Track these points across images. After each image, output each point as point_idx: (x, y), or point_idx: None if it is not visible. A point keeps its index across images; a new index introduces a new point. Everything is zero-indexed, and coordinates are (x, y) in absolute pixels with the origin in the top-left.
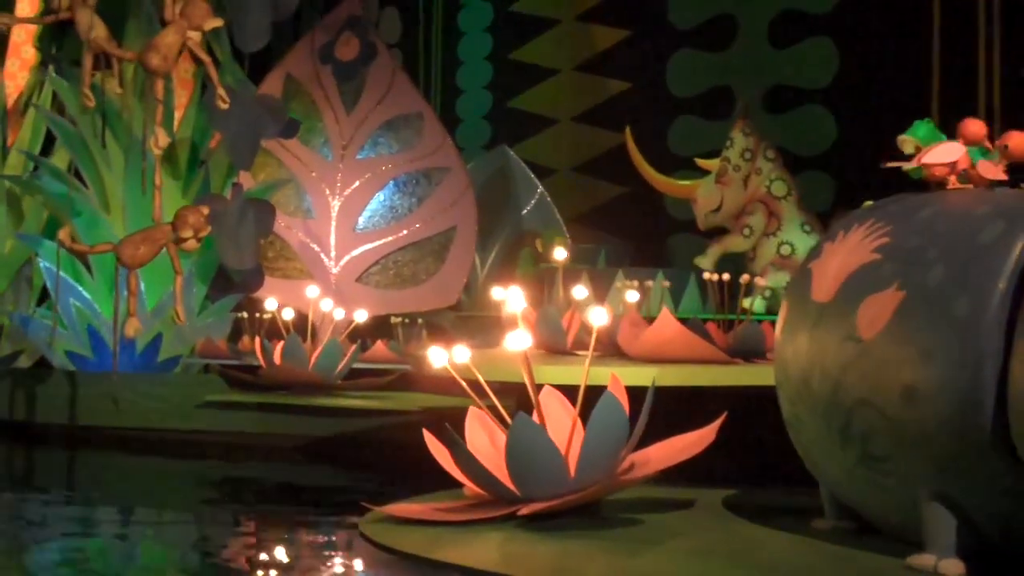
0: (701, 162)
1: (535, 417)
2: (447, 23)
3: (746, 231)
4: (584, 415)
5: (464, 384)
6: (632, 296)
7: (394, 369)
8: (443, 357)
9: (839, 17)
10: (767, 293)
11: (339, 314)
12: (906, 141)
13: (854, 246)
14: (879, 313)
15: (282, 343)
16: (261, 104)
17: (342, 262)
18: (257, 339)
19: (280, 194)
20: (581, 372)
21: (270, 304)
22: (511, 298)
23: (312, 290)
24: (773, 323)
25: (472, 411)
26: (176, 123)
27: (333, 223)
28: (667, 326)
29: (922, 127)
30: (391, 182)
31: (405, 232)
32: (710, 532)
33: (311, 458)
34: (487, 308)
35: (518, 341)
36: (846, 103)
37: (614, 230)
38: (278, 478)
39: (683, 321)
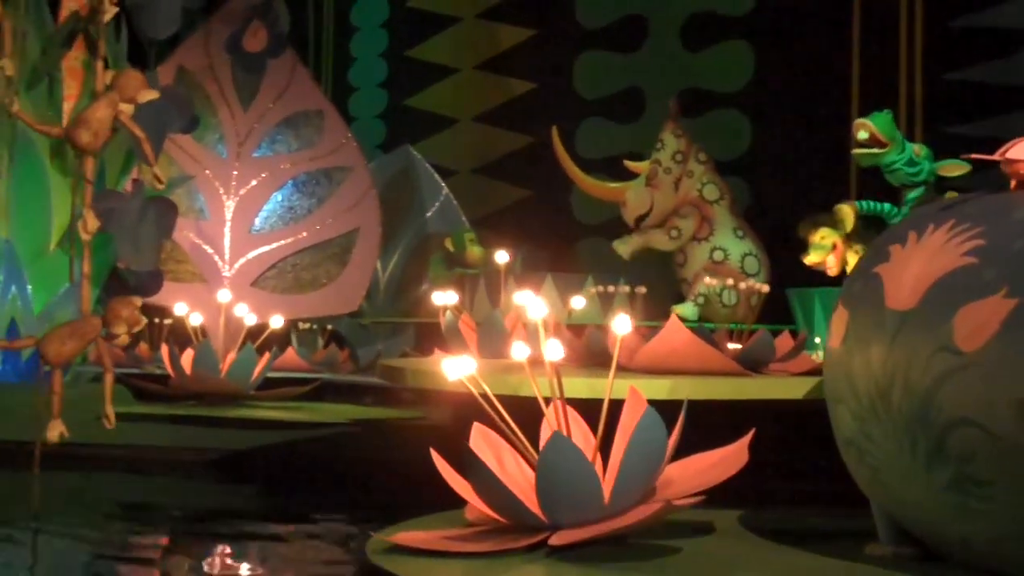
0: (630, 164)
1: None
2: (339, 18)
3: (674, 232)
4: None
5: (483, 400)
6: (579, 303)
7: (310, 378)
8: (458, 369)
9: (755, 20)
10: (700, 300)
11: (251, 320)
12: (862, 125)
13: (936, 249)
14: (983, 322)
15: (192, 351)
16: (166, 97)
17: (237, 265)
18: (164, 346)
19: (171, 194)
20: (585, 384)
21: (179, 309)
22: (531, 305)
23: (224, 294)
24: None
25: (477, 428)
26: (65, 117)
27: (227, 224)
28: (676, 335)
29: (880, 117)
30: (290, 182)
31: (304, 234)
32: (761, 561)
33: (227, 474)
34: (395, 314)
35: (552, 352)
36: (762, 107)
37: (518, 234)
38: (191, 495)
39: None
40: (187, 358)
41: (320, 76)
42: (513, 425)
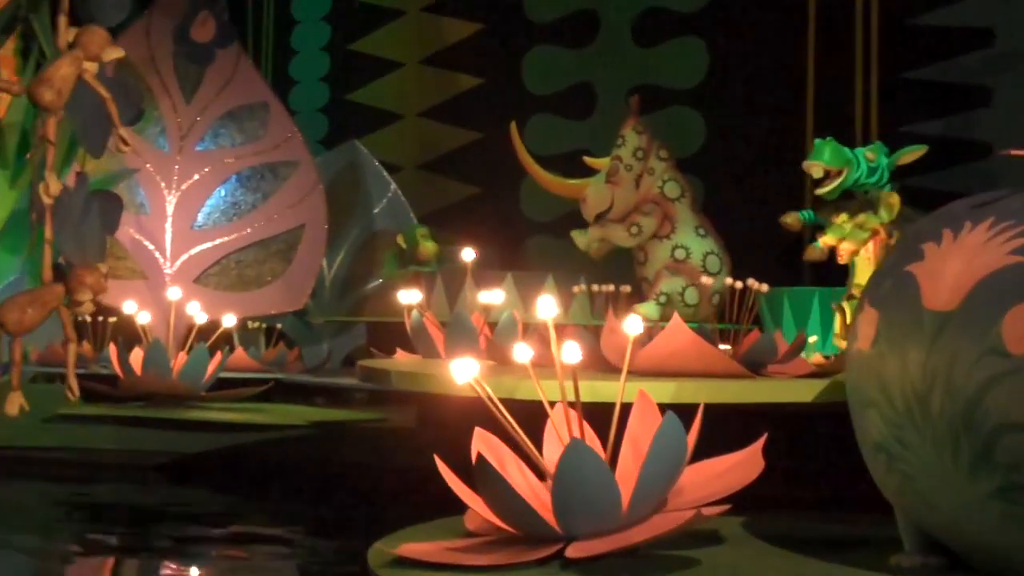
0: (590, 161)
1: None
2: (280, 10)
3: (634, 229)
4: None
5: (493, 406)
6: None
7: (263, 379)
8: (469, 372)
9: (709, 16)
10: (662, 299)
11: (201, 318)
12: (813, 166)
13: (977, 248)
14: None
15: (141, 350)
16: (116, 86)
17: (178, 262)
18: (112, 346)
19: (114, 187)
20: (587, 387)
21: (128, 307)
22: (543, 306)
23: (174, 292)
24: (702, 330)
25: (479, 434)
26: (2, 108)
27: (169, 220)
28: (678, 335)
29: (826, 148)
30: (233, 176)
31: (249, 230)
32: (790, 572)
33: (181, 478)
34: (341, 312)
35: (569, 354)
36: (716, 105)
37: (466, 231)
38: (143, 499)
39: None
40: (136, 358)
41: (259, 70)
42: (519, 431)
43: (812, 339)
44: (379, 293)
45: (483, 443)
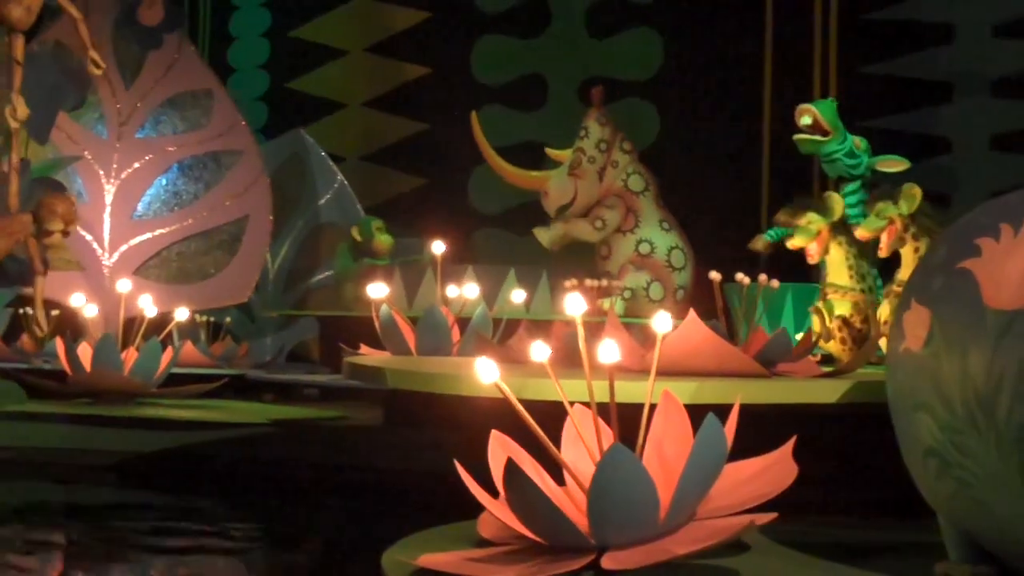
0: (552, 152)
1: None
2: None
3: (598, 223)
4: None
5: (518, 407)
6: (519, 296)
7: (216, 375)
8: (493, 372)
9: (664, 7)
10: (627, 294)
11: (151, 311)
12: (806, 110)
13: None
14: None
15: (89, 345)
16: (62, 72)
17: (117, 253)
18: (59, 340)
19: (55, 175)
20: (601, 388)
21: (76, 300)
22: (573, 303)
23: (123, 284)
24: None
25: (496, 437)
26: None
27: (107, 209)
28: (695, 332)
29: (824, 104)
30: (175, 165)
31: (191, 221)
32: None
33: (136, 479)
34: (285, 306)
35: (607, 354)
36: (671, 97)
37: (411, 224)
38: (96, 501)
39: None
40: (85, 353)
41: None
42: (542, 435)
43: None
44: (327, 287)
45: (500, 446)
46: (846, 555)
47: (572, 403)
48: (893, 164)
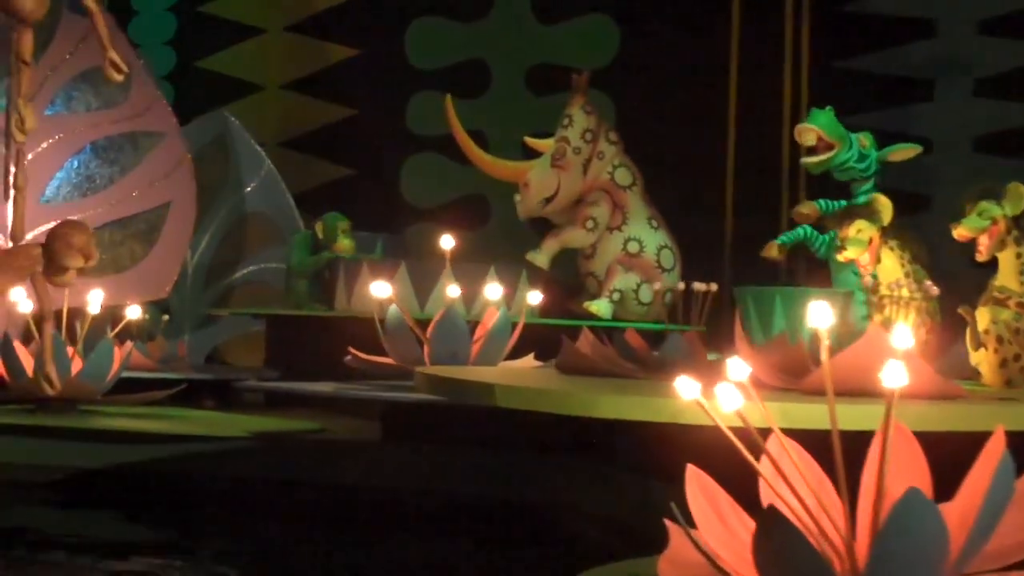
0: (532, 142)
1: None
2: None
3: (589, 223)
4: None
5: (728, 432)
6: (535, 297)
7: (169, 379)
8: (693, 388)
9: None
10: (615, 296)
11: (96, 307)
12: (808, 131)
13: None
14: None
15: (26, 347)
16: None
17: (23, 241)
18: None
19: None
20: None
21: (16, 295)
22: (818, 314)
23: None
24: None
25: (693, 472)
26: None
27: (12, 193)
28: (877, 346)
29: (824, 116)
30: (88, 146)
31: (104, 207)
32: None
33: (83, 498)
34: (205, 303)
35: (893, 377)
36: (627, 90)
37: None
38: (40, 524)
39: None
40: (25, 355)
41: None
42: (784, 468)
43: None
44: (254, 283)
45: (697, 483)
46: None
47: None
48: (904, 153)
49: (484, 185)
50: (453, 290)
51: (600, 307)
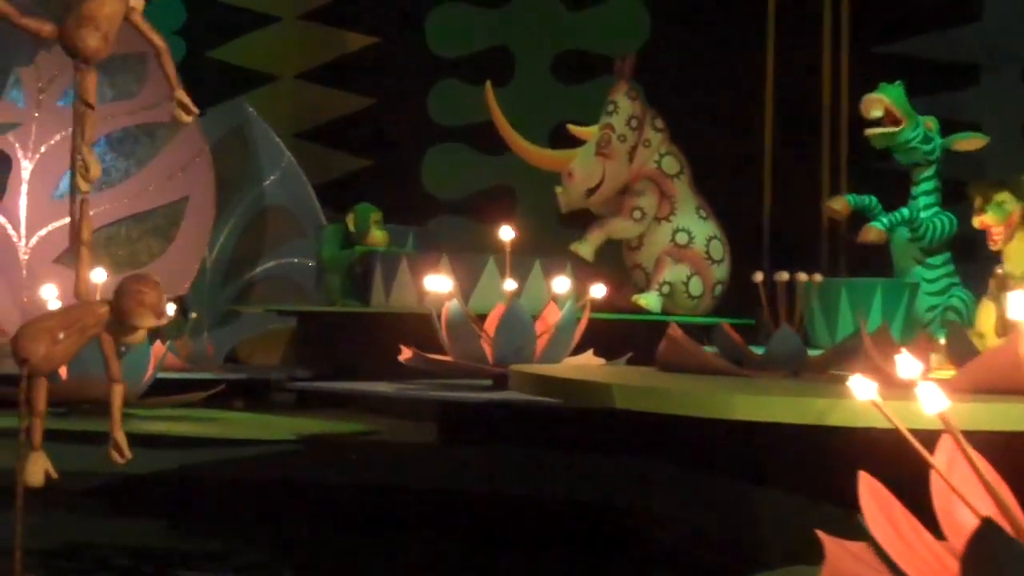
0: (575, 129)
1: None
2: None
3: (636, 213)
4: None
5: (908, 435)
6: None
7: (213, 380)
8: (869, 388)
9: None
10: (665, 288)
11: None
12: (875, 101)
13: None
14: None
15: None
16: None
17: (36, 237)
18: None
19: None
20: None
21: (47, 292)
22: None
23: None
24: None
25: (866, 480)
26: None
27: (24, 187)
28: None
29: (893, 89)
30: (103, 139)
31: (121, 202)
32: None
33: (117, 506)
34: (226, 300)
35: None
36: (658, 78)
37: None
38: (80, 534)
39: None
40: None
41: None
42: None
43: None
44: (274, 278)
45: (869, 491)
46: None
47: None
48: (971, 143)
49: (511, 176)
50: (510, 284)
51: (649, 300)
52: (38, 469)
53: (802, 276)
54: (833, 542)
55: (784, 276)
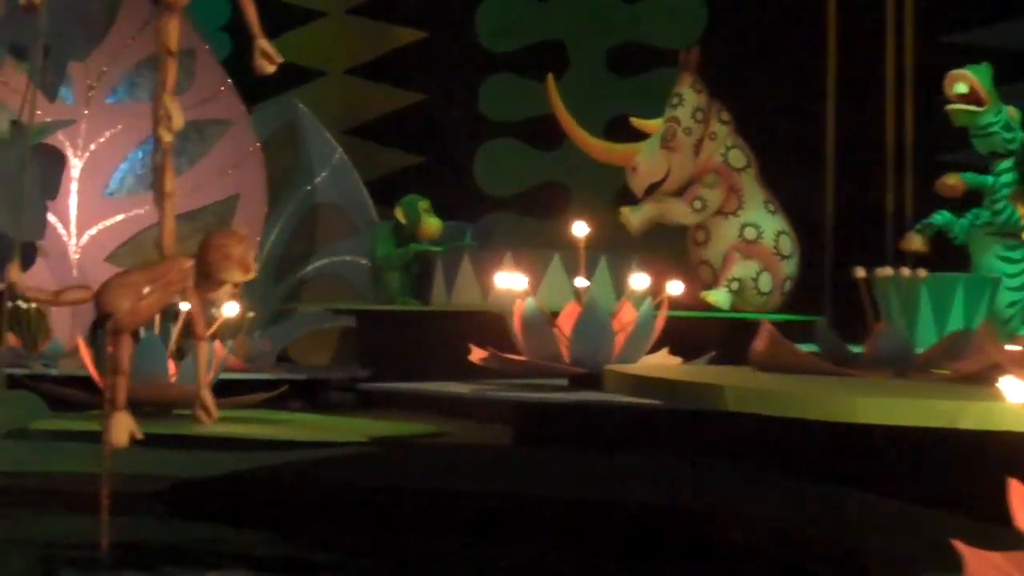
0: (639, 123)
1: None
2: None
3: (697, 203)
4: None
5: None
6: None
7: (276, 380)
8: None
9: None
10: (734, 285)
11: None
12: (961, 76)
13: None
14: None
15: None
16: (71, 11)
17: (86, 235)
18: (80, 339)
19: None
20: None
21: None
22: None
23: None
24: (735, 320)
25: (1017, 488)
26: None
27: (74, 185)
28: None
29: (981, 68)
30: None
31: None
32: None
33: (185, 510)
34: (279, 299)
35: None
36: (716, 70)
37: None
38: (149, 538)
39: None
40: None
41: None
42: None
43: None
44: (327, 276)
45: (1020, 497)
46: None
47: None
48: None
49: (564, 171)
50: (582, 281)
51: (718, 297)
52: (122, 429)
53: (905, 271)
54: (974, 554)
55: (887, 271)
